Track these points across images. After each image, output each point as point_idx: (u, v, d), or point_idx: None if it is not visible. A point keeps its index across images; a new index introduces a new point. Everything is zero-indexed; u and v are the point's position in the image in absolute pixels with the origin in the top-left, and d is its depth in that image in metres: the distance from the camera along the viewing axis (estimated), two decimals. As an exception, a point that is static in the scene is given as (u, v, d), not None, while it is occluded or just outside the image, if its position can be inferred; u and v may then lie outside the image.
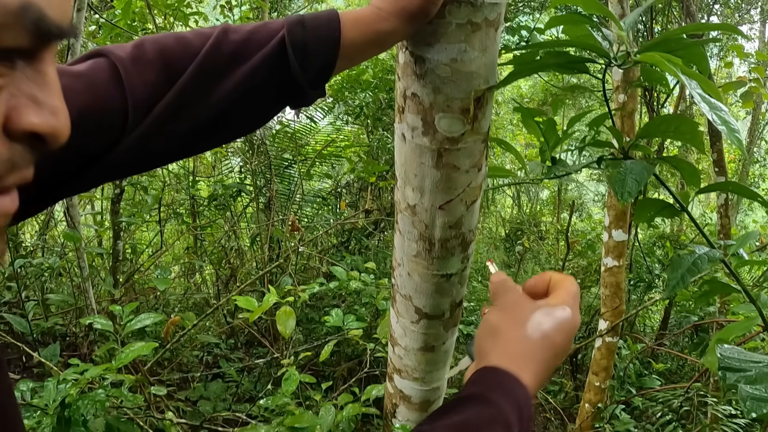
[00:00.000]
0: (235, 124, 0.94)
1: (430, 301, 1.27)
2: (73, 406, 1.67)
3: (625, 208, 4.35)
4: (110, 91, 0.81)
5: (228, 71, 0.87)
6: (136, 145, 0.84)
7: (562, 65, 1.17)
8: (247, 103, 0.90)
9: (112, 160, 0.83)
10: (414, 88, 1.02)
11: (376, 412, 2.04)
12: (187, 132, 0.88)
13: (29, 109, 0.47)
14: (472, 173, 1.08)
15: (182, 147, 0.93)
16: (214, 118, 0.89)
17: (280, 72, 0.89)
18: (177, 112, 0.85)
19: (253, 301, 2.21)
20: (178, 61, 0.86)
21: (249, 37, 0.89)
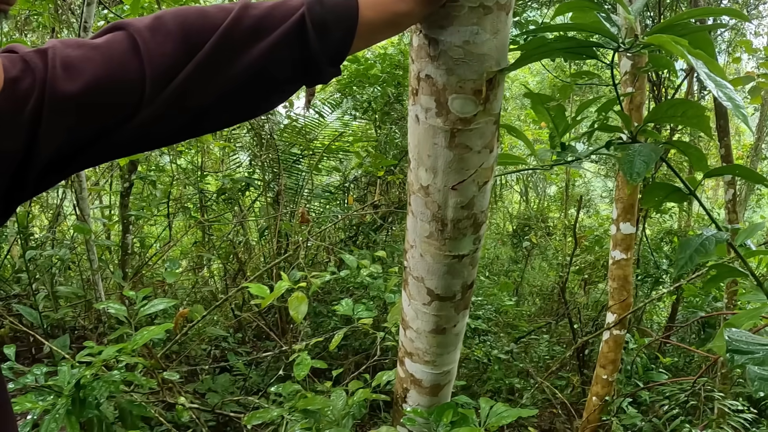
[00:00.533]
0: (252, 99, 0.95)
1: (442, 282, 1.29)
2: (87, 387, 1.70)
3: (633, 201, 4.35)
4: (128, 62, 0.83)
5: (248, 46, 0.89)
6: (154, 118, 0.86)
7: (571, 50, 1.19)
8: (265, 79, 0.92)
9: (129, 132, 0.85)
10: (428, 69, 1.04)
11: (386, 399, 2.06)
12: (205, 106, 0.90)
13: None
14: (484, 154, 1.11)
15: (199, 122, 0.94)
16: (233, 92, 0.91)
17: (299, 49, 0.91)
18: (196, 85, 0.87)
19: (265, 288, 2.23)
20: (199, 33, 0.87)
21: (269, 13, 0.90)
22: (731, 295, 5.01)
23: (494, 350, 5.24)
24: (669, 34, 1.08)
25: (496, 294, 5.96)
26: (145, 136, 0.89)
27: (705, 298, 6.06)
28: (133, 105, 0.83)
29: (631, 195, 4.32)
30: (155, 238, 6.72)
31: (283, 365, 4.59)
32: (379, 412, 3.60)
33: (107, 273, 5.28)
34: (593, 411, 4.44)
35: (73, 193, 4.76)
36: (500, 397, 5.21)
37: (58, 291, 4.87)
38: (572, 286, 7.70)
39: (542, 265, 9.23)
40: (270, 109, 1.03)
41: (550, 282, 8.29)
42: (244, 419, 1.85)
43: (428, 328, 1.41)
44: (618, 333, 4.35)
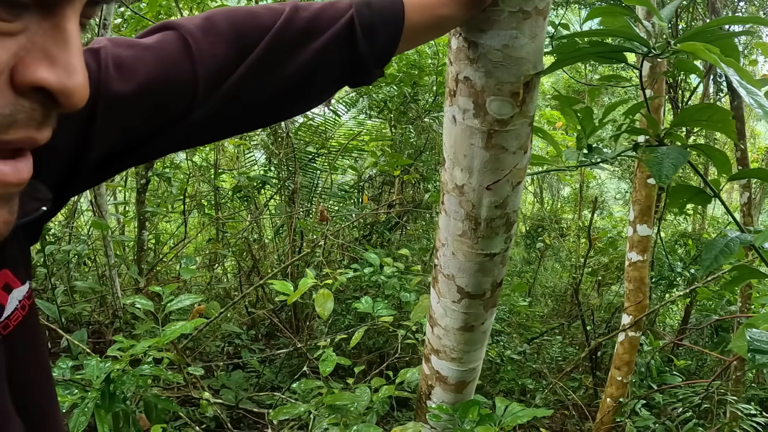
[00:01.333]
0: (303, 97, 0.98)
1: (472, 280, 1.32)
2: (117, 381, 1.73)
3: (650, 203, 4.34)
4: (180, 63, 0.84)
5: (299, 47, 0.91)
6: (208, 117, 0.88)
7: (603, 54, 1.22)
8: (314, 80, 0.95)
9: (182, 129, 0.87)
10: (467, 72, 1.07)
11: (411, 396, 2.08)
12: (258, 104, 0.92)
13: (40, 62, 0.45)
14: (519, 155, 1.13)
15: (252, 119, 0.97)
16: (285, 91, 0.93)
17: (348, 50, 0.94)
18: (249, 85, 0.89)
19: (289, 285, 2.26)
20: (250, 35, 0.89)
21: (319, 15, 0.93)
22: (745, 298, 5.00)
23: (507, 350, 5.24)
24: (699, 41, 1.10)
25: (509, 294, 5.96)
26: (198, 133, 0.92)
27: (719, 302, 6.04)
28: (186, 105, 0.85)
29: (648, 197, 4.31)
30: (170, 235, 6.75)
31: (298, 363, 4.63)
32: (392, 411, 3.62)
33: (122, 269, 5.31)
34: (607, 412, 4.43)
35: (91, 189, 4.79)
36: (513, 398, 5.19)
37: (75, 286, 4.90)
38: (585, 287, 7.68)
39: (555, 266, 9.22)
40: (317, 105, 1.06)
41: (563, 283, 8.28)
42: (270, 414, 1.88)
43: (457, 326, 1.44)
44: (633, 335, 4.35)
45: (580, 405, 4.90)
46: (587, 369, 5.99)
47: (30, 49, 0.45)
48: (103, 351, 4.30)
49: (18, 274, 0.65)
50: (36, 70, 0.45)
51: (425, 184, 6.11)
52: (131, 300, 2.09)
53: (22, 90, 0.45)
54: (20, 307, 0.65)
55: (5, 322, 0.62)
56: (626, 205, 10.99)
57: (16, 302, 0.64)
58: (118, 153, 0.84)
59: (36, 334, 0.70)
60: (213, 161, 6.59)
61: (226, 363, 4.78)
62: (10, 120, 0.45)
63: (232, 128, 0.98)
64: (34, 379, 0.67)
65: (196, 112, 0.86)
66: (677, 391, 4.44)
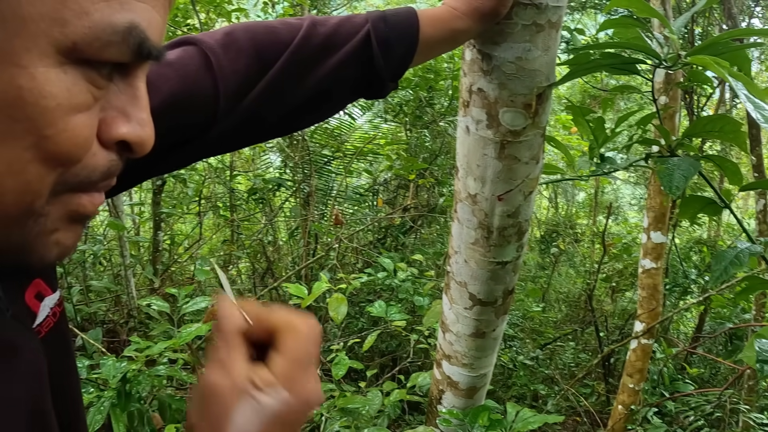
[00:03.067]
0: (319, 110, 1.00)
1: (484, 287, 1.34)
2: (133, 381, 1.76)
3: (664, 210, 4.33)
4: (202, 79, 0.85)
5: (317, 63, 0.93)
6: (228, 131, 0.90)
7: (615, 66, 1.23)
8: (330, 94, 0.97)
9: (203, 143, 0.89)
10: (480, 83, 1.09)
11: (422, 400, 2.10)
12: (276, 117, 0.94)
13: (119, 120, 0.51)
14: (531, 165, 1.15)
15: (270, 131, 0.99)
16: (302, 104, 0.95)
17: (364, 65, 0.95)
18: (269, 100, 0.91)
19: (303, 289, 2.28)
20: (269, 50, 0.91)
21: (336, 30, 0.95)
22: (760, 306, 4.98)
23: (520, 356, 5.22)
24: (709, 54, 1.12)
25: (523, 300, 5.96)
26: (215, 146, 0.94)
27: (733, 309, 6.01)
28: (206, 121, 0.87)
29: (662, 204, 4.30)
30: (185, 236, 6.77)
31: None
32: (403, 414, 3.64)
33: (137, 269, 5.34)
34: (618, 420, 4.42)
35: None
36: (524, 403, 5.18)
37: (91, 285, 4.93)
38: (599, 293, 7.65)
39: (569, 271, 9.18)
40: (330, 117, 1.08)
41: (577, 289, 8.25)
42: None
43: (468, 332, 1.46)
44: (646, 342, 4.34)
45: (591, 412, 4.88)
46: (600, 375, 5.98)
47: (108, 108, 0.51)
48: (117, 350, 4.36)
49: (49, 282, 0.67)
50: (118, 128, 0.51)
51: (440, 188, 6.11)
52: (147, 301, 2.12)
53: (107, 145, 0.52)
54: (51, 315, 0.67)
55: (38, 328, 0.64)
56: (641, 211, 10.94)
57: (47, 310, 0.66)
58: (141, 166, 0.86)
59: (66, 341, 0.72)
60: (228, 163, 6.61)
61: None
62: (107, 174, 0.53)
63: (247, 140, 1.00)
64: (64, 384, 0.69)
65: (215, 127, 0.88)
66: (690, 399, 4.42)
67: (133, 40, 0.48)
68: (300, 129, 1.07)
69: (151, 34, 0.50)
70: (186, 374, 2.02)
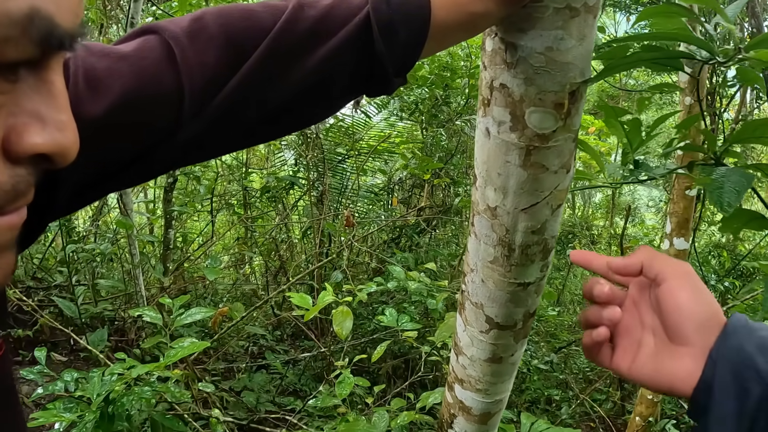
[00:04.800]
0: (305, 112, 0.84)
1: (503, 310, 1.18)
2: (117, 402, 1.62)
3: (688, 215, 4.18)
4: (162, 74, 0.70)
5: (305, 52, 0.77)
6: (199, 134, 0.74)
7: (658, 61, 1.08)
8: (322, 90, 0.80)
9: (168, 152, 0.74)
10: (503, 78, 0.92)
11: (431, 421, 1.96)
12: (251, 121, 0.78)
13: (32, 127, 0.42)
14: (561, 175, 0.99)
15: (244, 137, 0.82)
16: (283, 106, 0.79)
17: (362, 54, 0.79)
18: (245, 97, 0.75)
19: (308, 299, 2.13)
20: (245, 38, 0.75)
21: (328, 13, 0.78)
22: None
23: (534, 359, 5.16)
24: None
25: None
26: (191, 152, 0.78)
27: (753, 316, 5.86)
28: (171, 124, 0.72)
29: (686, 209, 4.15)
30: (198, 234, 6.75)
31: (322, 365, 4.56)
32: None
33: (148, 267, 5.32)
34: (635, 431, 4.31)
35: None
36: (538, 408, 5.15)
37: (99, 284, 4.90)
38: (616, 297, 7.52)
39: (585, 273, 9.04)
40: (326, 117, 0.92)
41: (593, 292, 8.12)
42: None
43: (484, 357, 1.30)
44: (668, 351, 4.18)
45: (606, 418, 4.80)
46: (614, 380, 5.90)
47: (17, 113, 0.42)
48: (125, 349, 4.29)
49: None
50: (30, 137, 0.42)
51: (455, 188, 6.07)
52: (139, 312, 1.98)
53: (18, 160, 0.43)
54: None
55: None
56: (658, 213, 10.85)
57: None
58: (91, 184, 0.71)
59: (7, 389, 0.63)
60: (243, 160, 6.57)
61: (250, 364, 4.76)
62: (13, 194, 0.44)
63: (223, 146, 0.83)
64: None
65: (182, 131, 0.72)
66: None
67: (36, 30, 0.38)
68: (287, 133, 0.91)
69: (62, 18, 0.39)
70: (179, 391, 1.87)
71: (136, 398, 1.63)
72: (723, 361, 0.67)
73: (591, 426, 5.16)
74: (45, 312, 4.64)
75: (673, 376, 0.73)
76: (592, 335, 0.81)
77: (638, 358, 0.78)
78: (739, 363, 0.66)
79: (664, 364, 0.74)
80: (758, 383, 0.64)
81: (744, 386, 0.65)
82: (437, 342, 2.38)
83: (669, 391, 0.74)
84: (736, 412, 0.65)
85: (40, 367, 1.94)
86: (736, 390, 0.65)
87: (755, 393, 0.64)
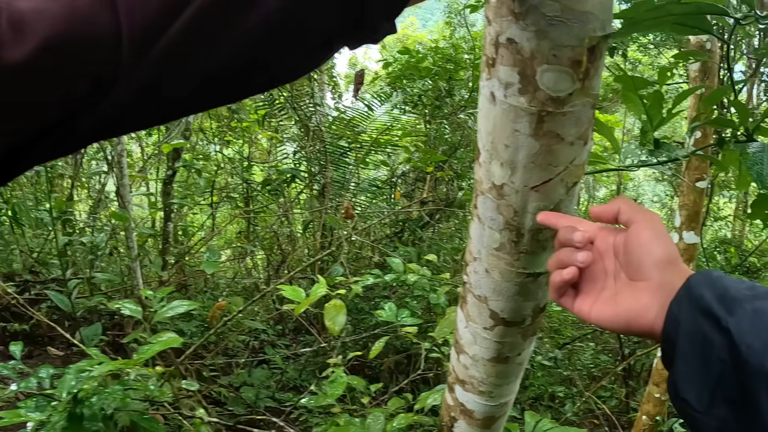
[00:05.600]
0: (271, 65, 0.69)
1: (510, 304, 1.05)
2: (86, 402, 1.49)
3: (698, 209, 4.07)
4: (97, 14, 0.57)
5: None
6: (137, 91, 0.60)
7: (685, 19, 0.95)
8: (291, 36, 0.66)
9: (104, 109, 0.60)
10: (511, 32, 0.78)
11: (431, 422, 1.84)
12: (206, 74, 0.64)
13: None
14: (578, 146, 0.85)
15: (199, 95, 0.68)
16: (244, 54, 0.65)
17: None
18: (197, 42, 0.61)
19: (301, 292, 2.00)
20: None
21: None
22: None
23: (538, 356, 5.12)
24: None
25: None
26: (130, 114, 0.63)
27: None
28: (107, 73, 0.58)
29: (696, 202, 4.04)
30: (198, 227, 6.71)
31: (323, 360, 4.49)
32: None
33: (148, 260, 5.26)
34: (642, 430, 4.22)
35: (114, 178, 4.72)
36: (541, 404, 5.12)
37: (95, 278, 4.84)
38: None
39: (590, 269, 9.00)
40: (299, 76, 0.77)
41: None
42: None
43: (487, 356, 1.17)
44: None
45: (610, 415, 4.75)
46: (619, 377, 5.83)
47: None
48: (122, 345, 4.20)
49: None
50: None
51: (459, 182, 6.01)
52: (119, 305, 1.86)
53: None
54: None
55: None
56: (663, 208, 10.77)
57: None
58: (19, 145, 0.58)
59: None
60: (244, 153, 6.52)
61: (250, 359, 4.71)
62: None
63: (177, 107, 0.69)
64: None
65: (120, 83, 0.59)
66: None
67: None
68: (252, 93, 0.75)
69: None
70: (159, 390, 1.74)
71: (107, 397, 1.51)
72: (684, 311, 0.70)
73: (595, 423, 5.10)
74: (43, 306, 4.57)
75: (630, 312, 0.77)
76: (562, 273, 0.83)
77: (598, 301, 0.82)
78: (699, 313, 0.68)
79: (622, 302, 0.79)
80: (719, 332, 0.65)
81: (706, 336, 0.66)
82: (438, 338, 2.25)
83: (626, 328, 0.79)
84: (700, 361, 0.67)
85: (14, 363, 1.82)
86: (699, 340, 0.67)
87: (717, 342, 0.65)
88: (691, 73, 3.83)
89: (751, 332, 0.62)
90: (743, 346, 0.62)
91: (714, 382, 0.65)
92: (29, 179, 6.27)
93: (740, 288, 0.68)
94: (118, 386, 1.58)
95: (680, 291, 0.72)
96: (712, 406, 0.65)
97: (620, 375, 5.77)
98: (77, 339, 3.72)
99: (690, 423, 0.69)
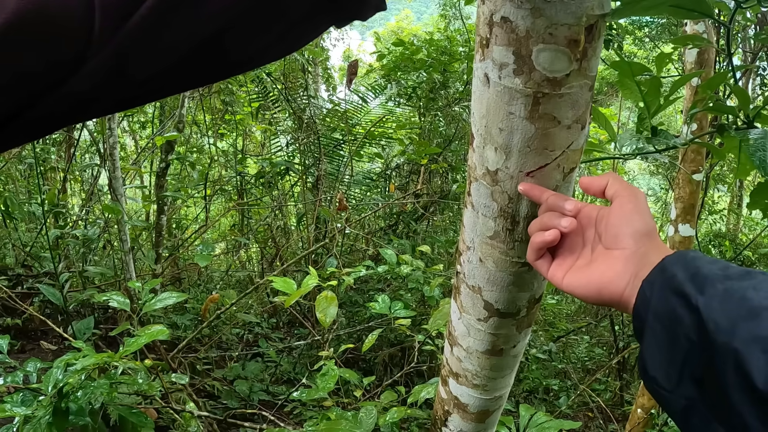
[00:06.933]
0: (254, 42, 0.65)
1: (504, 295, 1.02)
2: (71, 396, 1.46)
3: (693, 201, 4.04)
4: None
5: None
6: (110, 68, 0.56)
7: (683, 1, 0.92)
8: (269, 13, 0.62)
9: (76, 87, 0.56)
10: (505, 10, 0.75)
11: (425, 415, 1.81)
12: (179, 50, 0.60)
13: None
14: (575, 130, 0.82)
15: (172, 75, 0.64)
16: (218, 28, 0.60)
17: None
18: (165, 21, 0.57)
19: (292, 283, 1.97)
20: None
21: None
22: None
23: (533, 349, 5.11)
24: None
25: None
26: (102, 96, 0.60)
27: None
28: (74, 52, 0.54)
29: (691, 194, 4.01)
30: (192, 220, 6.68)
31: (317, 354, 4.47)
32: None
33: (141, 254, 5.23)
34: (637, 424, 4.20)
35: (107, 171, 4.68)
36: (536, 397, 5.13)
37: (87, 271, 4.80)
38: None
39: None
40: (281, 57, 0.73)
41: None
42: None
43: (482, 348, 1.14)
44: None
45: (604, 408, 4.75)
46: (614, 370, 5.84)
47: None
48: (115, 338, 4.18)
49: None
50: None
51: (453, 174, 5.99)
52: (106, 297, 1.82)
53: None
54: None
55: None
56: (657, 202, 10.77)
57: None
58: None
59: None
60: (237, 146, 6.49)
61: (244, 352, 4.69)
62: None
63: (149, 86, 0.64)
64: None
65: (89, 64, 0.55)
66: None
67: None
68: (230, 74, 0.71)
69: None
70: (147, 384, 1.71)
71: (93, 391, 1.47)
72: (657, 288, 0.71)
73: (590, 416, 5.11)
74: (35, 300, 4.53)
75: (602, 279, 0.79)
76: (545, 235, 0.85)
77: (573, 269, 0.85)
78: (670, 292, 0.68)
79: (595, 270, 0.81)
80: (688, 311, 0.65)
81: (675, 314, 0.67)
82: (431, 330, 2.22)
83: (597, 296, 0.80)
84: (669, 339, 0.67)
85: (1, 357, 1.79)
86: (668, 318, 0.68)
87: (686, 320, 0.65)
88: (688, 65, 3.80)
89: (719, 311, 0.62)
90: (711, 323, 0.62)
91: (682, 361, 0.65)
92: (21, 173, 6.23)
93: (713, 268, 0.67)
94: (104, 380, 1.55)
95: (654, 269, 0.73)
96: (680, 384, 0.66)
97: (615, 368, 5.77)
98: (69, 333, 3.69)
99: (659, 400, 0.69)
